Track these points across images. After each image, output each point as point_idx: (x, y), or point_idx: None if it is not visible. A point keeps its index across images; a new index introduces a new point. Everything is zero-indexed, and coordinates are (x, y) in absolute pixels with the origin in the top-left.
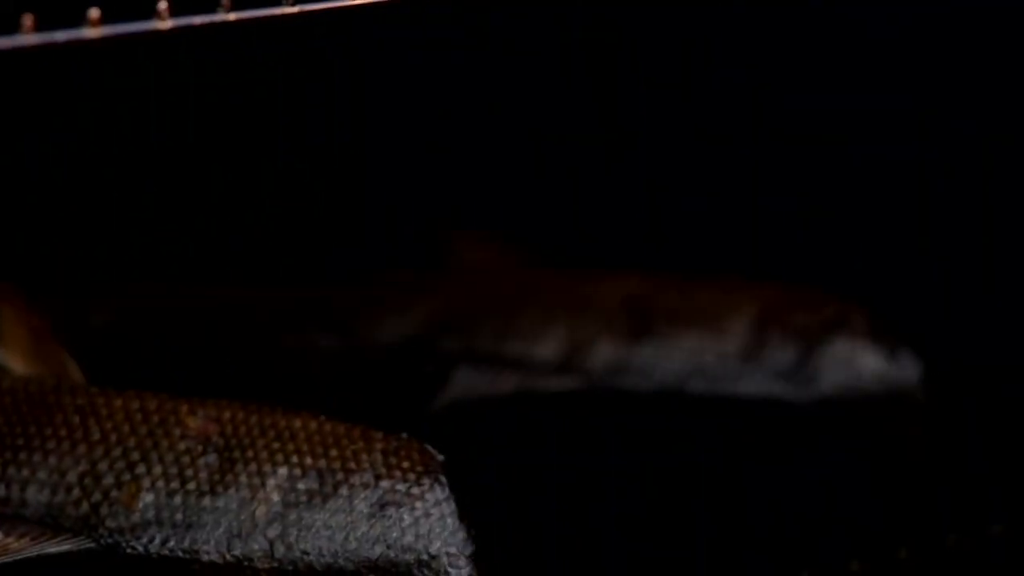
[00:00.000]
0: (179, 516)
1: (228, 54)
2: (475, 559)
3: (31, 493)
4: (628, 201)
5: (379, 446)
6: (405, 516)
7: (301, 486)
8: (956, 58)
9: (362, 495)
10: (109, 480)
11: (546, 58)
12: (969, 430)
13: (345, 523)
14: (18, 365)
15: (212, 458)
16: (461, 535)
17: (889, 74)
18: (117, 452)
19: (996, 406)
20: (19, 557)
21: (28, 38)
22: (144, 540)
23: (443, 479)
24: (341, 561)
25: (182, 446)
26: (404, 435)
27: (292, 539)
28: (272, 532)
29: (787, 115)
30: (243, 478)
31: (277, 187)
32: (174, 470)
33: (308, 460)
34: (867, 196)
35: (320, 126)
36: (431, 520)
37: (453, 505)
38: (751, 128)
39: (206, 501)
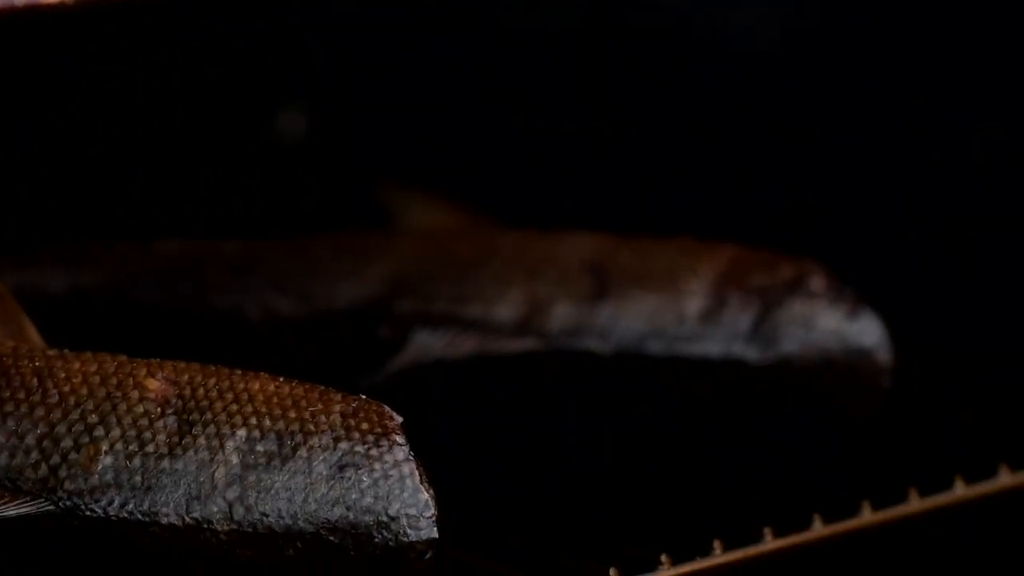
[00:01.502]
0: (138, 478)
1: (177, 19)
2: (434, 521)
3: None
4: (585, 164)
5: (338, 408)
6: (364, 478)
7: (260, 448)
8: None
9: (321, 457)
10: (67, 443)
11: (505, 19)
12: (930, 388)
13: (304, 485)
14: None
15: (171, 420)
16: (420, 497)
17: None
18: (75, 415)
19: (957, 365)
20: None
21: None
22: (103, 503)
23: (402, 441)
24: (300, 523)
25: (140, 409)
26: (363, 397)
27: (251, 501)
28: (231, 494)
29: (745, 78)
30: (202, 440)
31: (231, 149)
32: (132, 433)
33: (267, 422)
34: (820, 160)
35: (270, 86)
36: (390, 482)
37: (412, 467)
38: (706, 90)
39: (165, 463)
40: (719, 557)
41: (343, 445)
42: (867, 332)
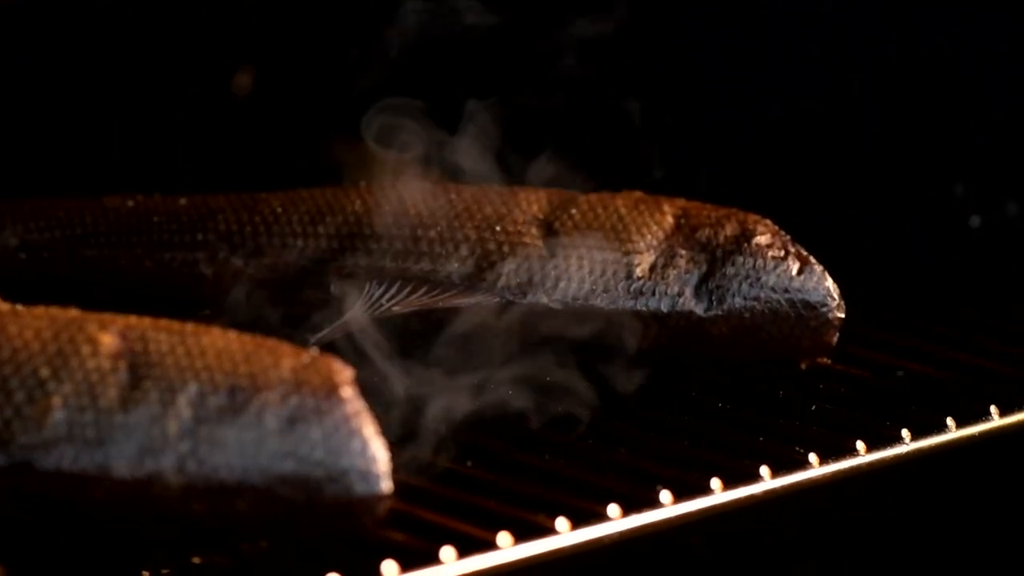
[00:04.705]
0: (90, 432)
1: None
2: (385, 474)
3: None
4: (531, 118)
5: (288, 362)
6: (314, 431)
7: (211, 402)
8: None
9: (272, 411)
10: (20, 397)
11: None
12: (877, 342)
13: (255, 438)
14: None
15: (123, 375)
16: (371, 450)
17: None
18: (28, 369)
19: (904, 319)
20: None
21: None
22: (55, 456)
23: (352, 395)
24: (252, 476)
25: (92, 363)
26: (314, 351)
27: (203, 455)
28: (183, 448)
29: (694, 34)
30: (154, 395)
31: (183, 104)
32: (85, 387)
33: (218, 376)
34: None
35: (223, 41)
36: (340, 435)
37: (362, 420)
38: (655, 44)
39: (117, 417)
40: (668, 508)
41: (294, 399)
42: (814, 286)
